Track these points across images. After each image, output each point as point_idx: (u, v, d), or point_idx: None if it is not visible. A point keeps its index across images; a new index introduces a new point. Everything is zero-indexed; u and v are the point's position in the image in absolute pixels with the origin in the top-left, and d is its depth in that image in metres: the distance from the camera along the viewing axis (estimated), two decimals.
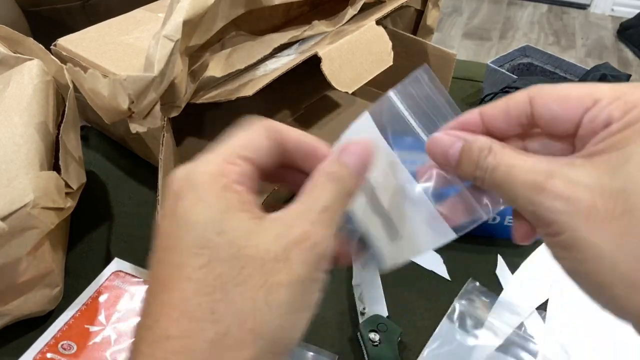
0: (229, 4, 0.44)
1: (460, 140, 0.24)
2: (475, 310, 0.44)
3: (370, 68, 0.49)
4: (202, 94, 0.48)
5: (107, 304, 0.43)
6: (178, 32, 0.39)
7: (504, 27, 2.39)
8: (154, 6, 0.59)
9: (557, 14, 2.50)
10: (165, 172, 0.43)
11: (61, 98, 0.48)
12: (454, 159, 0.24)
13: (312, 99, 0.70)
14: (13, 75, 0.43)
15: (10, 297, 0.40)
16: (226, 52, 0.50)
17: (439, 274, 0.48)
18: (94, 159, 0.61)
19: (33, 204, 0.37)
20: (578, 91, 0.22)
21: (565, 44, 2.27)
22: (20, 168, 0.38)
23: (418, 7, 0.64)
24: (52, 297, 0.43)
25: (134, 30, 0.54)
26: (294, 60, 0.47)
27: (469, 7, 2.56)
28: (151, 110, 0.42)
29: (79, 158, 0.46)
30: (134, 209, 0.55)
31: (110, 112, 0.43)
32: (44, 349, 0.40)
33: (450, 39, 2.30)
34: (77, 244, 0.51)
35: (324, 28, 0.52)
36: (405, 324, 0.44)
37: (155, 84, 0.40)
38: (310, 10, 0.67)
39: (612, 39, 2.30)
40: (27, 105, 0.42)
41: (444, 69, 0.62)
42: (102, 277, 0.46)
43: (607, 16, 2.49)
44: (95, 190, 0.57)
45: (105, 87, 0.41)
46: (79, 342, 0.41)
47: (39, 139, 0.40)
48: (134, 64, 0.49)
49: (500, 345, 0.42)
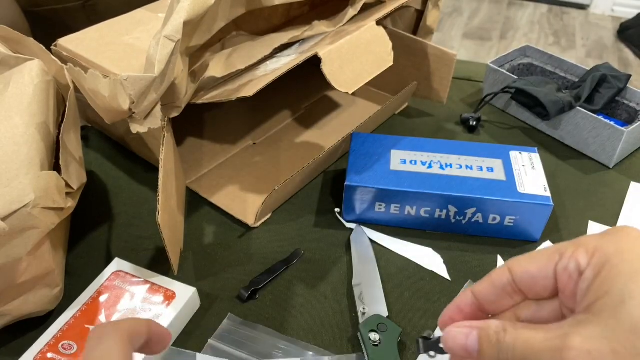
0: (229, 4, 0.44)
1: (474, 330, 0.25)
2: None
3: (371, 68, 0.49)
4: (202, 94, 0.48)
5: (107, 304, 0.43)
6: (179, 33, 0.39)
7: (504, 28, 2.39)
8: (154, 6, 0.59)
9: (558, 14, 2.50)
10: (166, 172, 0.43)
11: (62, 98, 0.48)
12: (474, 349, 0.25)
13: (312, 99, 0.71)
14: (13, 76, 0.43)
15: (10, 297, 0.40)
16: (226, 52, 0.50)
17: (439, 274, 0.48)
18: (94, 159, 0.61)
19: (33, 204, 0.37)
20: (545, 251, 0.25)
21: (565, 44, 2.27)
22: (21, 168, 0.38)
23: (418, 8, 0.64)
24: (52, 297, 0.43)
25: (135, 31, 0.54)
26: (294, 60, 0.47)
27: (469, 7, 2.56)
28: (152, 111, 0.42)
29: (80, 158, 0.46)
30: (135, 209, 0.55)
31: (111, 112, 0.43)
32: (44, 349, 0.40)
33: (450, 39, 2.30)
34: (78, 244, 0.51)
35: (324, 28, 0.52)
36: (405, 324, 0.44)
37: (155, 85, 0.40)
38: (310, 10, 0.67)
39: (613, 39, 2.30)
40: (28, 106, 0.42)
41: (444, 69, 0.62)
42: (103, 277, 0.46)
43: (607, 16, 2.49)
44: (96, 191, 0.57)
45: (105, 88, 0.41)
46: (80, 342, 0.41)
47: (39, 139, 0.40)
48: (134, 65, 0.49)
49: None
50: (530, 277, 0.26)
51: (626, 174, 0.60)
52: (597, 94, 0.64)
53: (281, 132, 0.65)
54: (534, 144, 0.64)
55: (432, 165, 0.51)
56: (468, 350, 0.25)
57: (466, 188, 0.49)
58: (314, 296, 0.46)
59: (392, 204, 0.50)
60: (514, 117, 0.69)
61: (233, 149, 0.62)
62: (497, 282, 0.27)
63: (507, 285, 0.26)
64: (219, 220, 0.53)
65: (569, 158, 0.62)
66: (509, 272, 0.26)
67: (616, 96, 0.64)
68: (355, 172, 0.50)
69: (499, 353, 0.24)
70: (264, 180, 0.57)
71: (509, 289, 0.26)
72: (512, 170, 0.50)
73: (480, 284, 0.27)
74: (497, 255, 0.50)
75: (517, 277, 0.26)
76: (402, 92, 0.64)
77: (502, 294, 0.27)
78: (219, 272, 0.48)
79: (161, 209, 0.40)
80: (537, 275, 0.25)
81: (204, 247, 0.51)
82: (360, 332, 0.41)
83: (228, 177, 0.58)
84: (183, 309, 0.43)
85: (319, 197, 0.56)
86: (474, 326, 0.26)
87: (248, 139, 0.63)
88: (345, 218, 0.53)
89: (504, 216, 0.49)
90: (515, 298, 0.27)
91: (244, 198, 0.55)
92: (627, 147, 0.60)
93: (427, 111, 0.69)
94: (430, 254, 0.50)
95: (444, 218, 0.50)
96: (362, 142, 0.54)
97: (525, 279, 0.26)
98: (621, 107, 0.64)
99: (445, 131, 0.66)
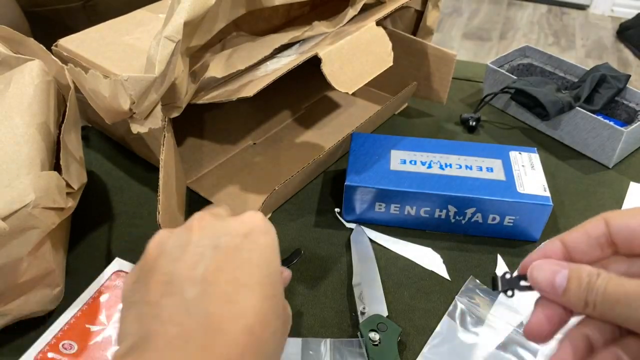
0: (229, 4, 0.45)
1: (564, 269, 0.25)
2: (476, 308, 0.45)
3: (371, 69, 0.49)
4: (202, 94, 0.48)
5: (108, 303, 0.43)
6: (179, 33, 0.39)
7: (503, 28, 2.39)
8: (154, 7, 0.59)
9: (557, 15, 2.51)
10: (166, 172, 0.44)
11: (62, 98, 0.48)
12: (561, 287, 0.25)
13: (312, 99, 0.71)
14: (14, 76, 0.43)
15: (11, 297, 0.40)
16: (227, 52, 0.50)
17: (438, 274, 0.48)
18: (94, 159, 0.61)
19: (34, 204, 0.37)
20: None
21: (565, 44, 2.27)
22: (21, 168, 0.38)
23: (418, 8, 0.64)
24: (53, 297, 0.43)
25: (135, 31, 0.54)
26: (294, 60, 0.47)
27: (468, 7, 2.56)
28: (152, 111, 0.42)
29: (80, 158, 0.46)
30: (135, 208, 0.55)
31: (111, 112, 0.43)
32: (45, 349, 0.40)
33: (450, 39, 2.30)
34: (78, 244, 0.51)
35: (324, 29, 0.52)
36: (405, 324, 0.44)
37: (156, 85, 0.40)
38: (310, 10, 0.67)
39: (612, 39, 2.31)
40: (28, 106, 0.42)
41: (443, 70, 0.62)
42: (103, 277, 0.46)
43: (606, 16, 2.49)
44: (96, 190, 0.57)
45: (106, 88, 0.41)
46: (80, 342, 0.41)
47: (40, 139, 0.41)
48: (134, 65, 0.49)
49: (501, 343, 0.42)
50: (630, 231, 0.25)
51: (626, 174, 0.60)
52: (597, 94, 0.64)
53: (281, 132, 0.65)
54: (534, 144, 0.64)
55: (432, 165, 0.51)
56: (555, 286, 0.25)
57: (466, 188, 0.49)
58: (314, 296, 0.46)
59: (392, 204, 0.50)
60: (514, 117, 0.69)
61: (233, 149, 0.62)
62: (591, 233, 0.26)
63: (602, 237, 0.26)
64: None
65: (568, 158, 0.62)
66: (605, 224, 0.26)
67: (615, 96, 0.64)
68: (355, 172, 0.50)
69: (587, 295, 0.24)
70: (264, 180, 0.57)
71: (602, 240, 0.26)
72: (511, 170, 0.51)
73: (572, 233, 0.27)
74: (497, 255, 0.50)
75: (614, 229, 0.26)
76: (402, 92, 0.64)
77: (595, 244, 0.26)
78: None
79: (162, 209, 0.40)
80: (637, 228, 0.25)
81: None
82: (360, 332, 0.41)
83: (228, 177, 0.58)
84: None
85: (319, 197, 0.56)
86: (565, 265, 0.26)
87: (248, 139, 0.64)
88: (345, 218, 0.53)
89: (503, 216, 0.49)
90: (605, 251, 0.26)
91: (244, 198, 0.55)
92: (627, 147, 0.60)
93: (426, 111, 0.70)
94: (429, 254, 0.50)
95: (444, 218, 0.50)
96: (362, 142, 0.54)
97: (623, 232, 0.25)
98: (620, 107, 0.65)
99: (445, 131, 0.66)
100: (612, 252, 0.26)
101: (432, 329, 0.43)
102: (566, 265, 0.26)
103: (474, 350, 0.42)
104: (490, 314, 0.44)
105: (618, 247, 0.26)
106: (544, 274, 0.26)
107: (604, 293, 0.23)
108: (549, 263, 0.26)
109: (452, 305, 0.45)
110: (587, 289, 0.24)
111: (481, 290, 0.46)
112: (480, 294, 0.46)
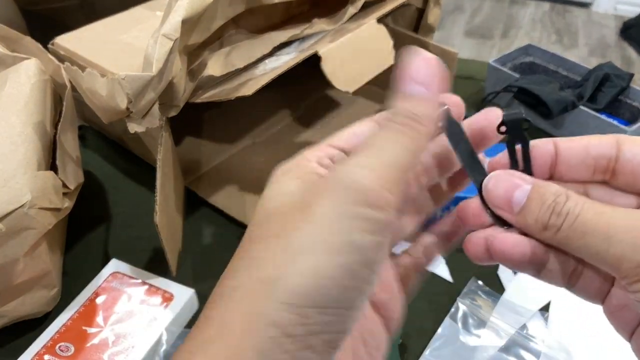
0: (228, 2, 0.44)
1: (527, 184, 0.22)
2: (478, 310, 0.44)
3: (371, 67, 0.49)
4: (200, 93, 0.47)
5: (105, 305, 0.43)
6: (177, 31, 0.38)
7: (506, 26, 2.38)
8: (152, 4, 0.59)
9: (560, 13, 2.50)
10: (164, 172, 0.43)
11: (59, 97, 0.47)
12: (517, 205, 0.22)
13: (312, 98, 0.70)
14: (10, 74, 0.43)
15: (7, 299, 0.39)
16: (225, 50, 0.49)
17: (440, 276, 0.48)
18: (91, 158, 0.61)
19: (30, 205, 0.36)
20: None
21: (567, 42, 2.26)
22: (18, 168, 0.37)
23: (419, 6, 0.63)
24: (49, 299, 0.42)
25: (132, 29, 0.53)
26: (294, 59, 0.47)
27: (470, 5, 2.55)
28: (150, 110, 0.42)
29: (77, 158, 0.46)
30: (132, 209, 0.54)
31: (108, 111, 0.42)
32: (41, 351, 0.40)
33: (452, 37, 2.29)
34: (75, 244, 0.50)
35: (324, 26, 0.51)
36: (405, 325, 0.43)
37: (153, 84, 0.39)
38: (310, 8, 0.66)
39: (615, 37, 2.30)
40: (25, 105, 0.41)
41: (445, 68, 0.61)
42: (100, 278, 0.45)
43: (610, 15, 2.48)
44: (93, 191, 0.57)
45: (103, 87, 0.40)
46: (77, 344, 0.40)
47: (36, 139, 0.40)
48: (132, 63, 0.48)
49: (503, 345, 0.41)
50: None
51: None
52: (600, 93, 0.63)
53: (281, 131, 0.64)
54: None
55: None
56: (511, 202, 0.22)
57: (468, 187, 0.48)
58: None
59: None
60: None
61: (232, 149, 0.61)
62: (592, 150, 0.22)
63: (604, 159, 0.22)
64: (217, 221, 0.53)
65: None
66: (617, 148, 0.22)
67: (619, 95, 0.64)
68: None
69: (551, 217, 0.21)
70: (263, 180, 0.57)
71: (602, 162, 0.22)
72: None
73: (569, 142, 0.23)
74: None
75: (626, 155, 0.22)
76: None
77: (591, 164, 0.22)
78: (217, 274, 0.47)
79: (159, 209, 0.40)
80: None
81: (203, 248, 0.50)
82: None
83: (227, 177, 0.57)
84: (181, 310, 0.43)
85: None
86: (529, 181, 0.22)
87: (247, 139, 0.63)
88: None
89: None
90: (596, 175, 0.23)
91: (243, 198, 0.55)
92: None
93: None
94: None
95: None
96: None
97: (634, 162, 0.22)
98: (624, 106, 0.64)
99: None
100: (601, 179, 0.23)
101: (434, 331, 0.43)
102: (530, 181, 0.22)
103: (476, 353, 0.41)
104: (492, 316, 0.43)
105: (617, 177, 0.22)
106: (502, 185, 0.22)
107: (575, 219, 0.20)
108: (510, 174, 0.22)
109: (453, 307, 0.44)
110: (551, 211, 0.21)
111: (483, 291, 0.46)
112: (483, 296, 0.45)
